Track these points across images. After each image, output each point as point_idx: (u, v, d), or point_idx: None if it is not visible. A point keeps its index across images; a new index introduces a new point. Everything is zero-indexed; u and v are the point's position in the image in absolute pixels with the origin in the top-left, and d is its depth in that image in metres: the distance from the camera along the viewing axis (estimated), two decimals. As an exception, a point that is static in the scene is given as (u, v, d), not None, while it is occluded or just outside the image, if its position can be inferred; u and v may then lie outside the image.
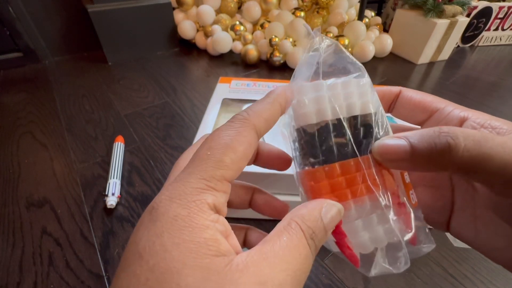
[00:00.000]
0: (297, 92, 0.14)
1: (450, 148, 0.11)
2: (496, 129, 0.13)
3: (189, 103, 0.71)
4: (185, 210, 0.11)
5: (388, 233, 0.14)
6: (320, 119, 0.14)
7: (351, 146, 0.14)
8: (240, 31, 0.91)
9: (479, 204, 0.15)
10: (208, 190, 0.12)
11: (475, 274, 0.37)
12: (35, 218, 0.43)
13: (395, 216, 0.14)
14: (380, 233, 0.14)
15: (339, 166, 0.13)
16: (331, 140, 0.14)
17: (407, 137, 0.13)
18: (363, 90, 0.15)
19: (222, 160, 0.12)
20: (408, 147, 0.12)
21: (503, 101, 0.77)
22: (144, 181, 0.49)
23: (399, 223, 0.14)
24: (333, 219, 0.13)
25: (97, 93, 0.75)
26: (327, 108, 0.14)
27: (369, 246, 0.14)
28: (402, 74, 0.89)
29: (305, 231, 0.12)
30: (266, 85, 0.54)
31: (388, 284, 0.35)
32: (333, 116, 0.14)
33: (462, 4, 0.86)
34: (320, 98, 0.14)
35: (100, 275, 0.36)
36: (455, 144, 0.11)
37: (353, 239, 0.14)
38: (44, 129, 0.62)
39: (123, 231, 0.41)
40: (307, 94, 0.14)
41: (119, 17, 0.84)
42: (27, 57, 0.87)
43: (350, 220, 0.14)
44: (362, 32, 0.88)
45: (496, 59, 1.01)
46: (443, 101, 0.16)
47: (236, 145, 0.13)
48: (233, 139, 0.13)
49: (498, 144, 0.11)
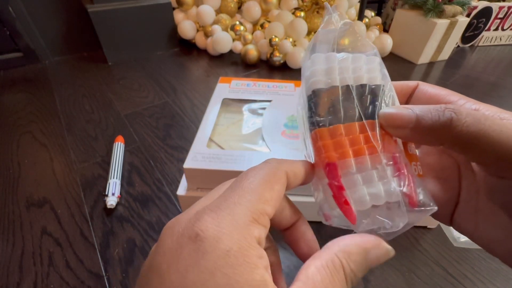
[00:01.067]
0: (311, 64, 0.16)
1: (451, 122, 0.12)
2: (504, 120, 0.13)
3: (189, 103, 0.71)
4: (236, 244, 0.11)
5: (387, 191, 0.14)
6: (329, 85, 0.15)
7: (357, 110, 0.14)
8: (240, 31, 0.91)
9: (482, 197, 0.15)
10: (254, 224, 0.12)
11: (475, 274, 0.37)
12: (35, 218, 0.43)
13: (394, 175, 0.14)
14: (379, 188, 0.14)
15: (343, 127, 0.14)
16: (338, 104, 0.15)
17: (413, 108, 0.13)
18: (372, 66, 0.15)
19: (263, 194, 0.12)
20: (414, 116, 0.13)
21: (503, 101, 0.77)
22: (144, 181, 0.49)
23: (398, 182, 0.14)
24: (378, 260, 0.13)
25: (97, 93, 0.75)
26: (337, 77, 0.15)
27: (367, 201, 0.14)
28: (402, 74, 0.89)
29: (348, 275, 0.12)
30: (266, 85, 0.54)
31: (388, 284, 0.35)
32: (342, 83, 0.15)
33: (462, 4, 0.86)
34: (331, 68, 0.15)
35: (100, 275, 0.36)
36: (457, 119, 0.12)
37: (352, 194, 0.14)
38: (44, 129, 0.62)
39: (123, 231, 0.41)
40: (320, 64, 0.15)
41: (119, 17, 0.84)
42: (27, 57, 0.87)
43: (351, 174, 0.14)
44: (362, 32, 0.88)
45: (496, 59, 1.01)
46: (456, 94, 0.17)
47: (273, 183, 0.13)
48: (271, 177, 0.13)
49: (496, 124, 0.12)
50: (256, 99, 0.50)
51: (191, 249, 0.11)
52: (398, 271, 0.37)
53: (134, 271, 0.37)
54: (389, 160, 0.14)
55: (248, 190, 0.12)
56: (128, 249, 0.39)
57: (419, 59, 0.93)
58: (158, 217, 0.43)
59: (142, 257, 0.38)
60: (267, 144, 0.41)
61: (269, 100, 0.50)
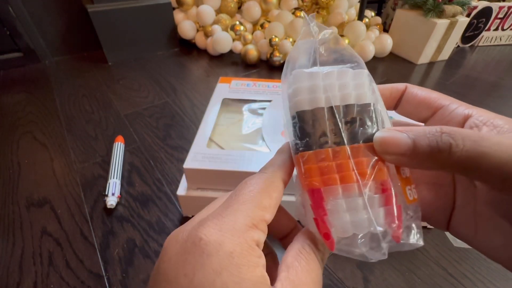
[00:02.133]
0: (293, 80, 0.15)
1: (450, 148, 0.12)
2: (498, 127, 0.13)
3: (189, 103, 0.71)
4: (238, 246, 0.12)
5: (370, 221, 0.13)
6: (313, 106, 0.14)
7: (345, 133, 0.14)
8: (240, 31, 0.91)
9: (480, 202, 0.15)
10: (254, 228, 0.13)
11: (475, 274, 0.37)
12: (35, 218, 0.43)
13: (380, 206, 0.13)
14: (362, 218, 0.13)
15: (330, 152, 0.14)
16: (323, 127, 0.14)
17: (409, 132, 0.13)
18: (360, 81, 0.14)
19: (262, 202, 0.13)
20: (411, 143, 0.13)
21: (503, 101, 0.77)
22: (144, 181, 0.49)
23: (383, 214, 0.13)
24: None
25: (97, 93, 0.75)
26: (321, 96, 0.14)
27: (349, 229, 0.13)
28: (402, 74, 0.89)
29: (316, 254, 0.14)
30: (266, 85, 0.54)
31: (388, 284, 0.35)
32: (327, 104, 0.14)
33: (462, 4, 0.86)
34: (315, 86, 0.14)
35: (100, 275, 0.36)
36: (456, 144, 0.12)
37: (334, 220, 0.13)
38: (44, 129, 0.62)
39: (123, 231, 0.41)
40: (303, 82, 0.14)
41: (119, 17, 0.84)
42: (27, 57, 0.87)
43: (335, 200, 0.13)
44: (362, 32, 0.88)
45: (496, 59, 1.01)
46: (448, 98, 0.16)
47: (271, 191, 0.14)
48: (268, 186, 0.14)
49: (494, 143, 0.11)
50: (256, 99, 0.50)
51: (196, 253, 0.11)
52: (398, 271, 0.37)
53: (134, 271, 0.37)
54: (378, 187, 0.13)
55: (247, 198, 0.13)
56: (128, 249, 0.39)
57: (419, 59, 0.93)
58: (158, 217, 0.43)
59: (142, 257, 0.38)
60: (267, 144, 0.41)
61: (269, 100, 0.50)
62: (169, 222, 0.43)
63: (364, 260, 0.13)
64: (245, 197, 0.13)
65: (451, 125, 0.15)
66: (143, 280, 0.36)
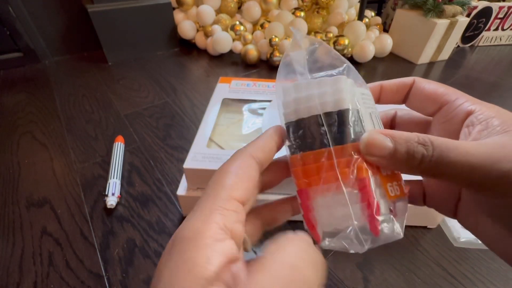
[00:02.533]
0: (283, 93, 0.17)
1: (422, 156, 0.13)
2: (490, 128, 0.14)
3: (189, 103, 0.71)
4: (194, 231, 0.12)
5: (350, 216, 0.14)
6: (298, 117, 0.16)
7: (325, 138, 0.15)
8: (240, 31, 0.91)
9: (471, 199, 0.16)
10: (217, 210, 0.13)
11: (475, 274, 0.37)
12: (35, 218, 0.43)
13: (359, 203, 0.14)
14: (342, 214, 0.14)
15: (312, 154, 0.15)
16: (308, 133, 0.16)
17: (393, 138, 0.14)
18: (338, 87, 0.16)
19: (224, 182, 0.14)
20: (392, 148, 0.14)
21: (503, 101, 0.77)
22: (144, 181, 0.49)
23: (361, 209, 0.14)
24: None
25: (97, 93, 0.75)
26: (304, 107, 0.16)
27: (331, 224, 0.15)
28: (402, 74, 0.89)
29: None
30: (266, 85, 0.54)
31: (388, 284, 0.35)
32: (310, 113, 0.16)
33: (462, 4, 0.86)
34: (299, 99, 0.16)
35: (100, 275, 0.36)
36: (426, 154, 0.13)
37: (318, 216, 0.15)
38: (44, 129, 0.62)
39: (123, 231, 0.41)
40: (289, 95, 0.16)
41: (119, 17, 0.84)
42: (27, 57, 0.87)
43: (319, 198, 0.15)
44: (362, 32, 0.88)
45: (496, 59, 1.01)
46: (454, 92, 0.16)
47: (236, 169, 0.15)
48: (232, 165, 0.15)
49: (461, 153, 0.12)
50: (256, 99, 0.50)
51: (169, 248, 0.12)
52: (398, 271, 0.37)
53: (134, 271, 0.37)
54: (358, 184, 0.14)
55: (210, 186, 0.14)
56: (128, 249, 0.39)
57: (419, 59, 0.93)
58: (158, 217, 0.43)
59: (142, 257, 0.38)
60: (267, 144, 0.41)
61: (269, 100, 0.50)
62: (169, 222, 0.43)
63: (346, 252, 0.15)
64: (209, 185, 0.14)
65: (455, 121, 0.16)
66: (143, 280, 0.36)
